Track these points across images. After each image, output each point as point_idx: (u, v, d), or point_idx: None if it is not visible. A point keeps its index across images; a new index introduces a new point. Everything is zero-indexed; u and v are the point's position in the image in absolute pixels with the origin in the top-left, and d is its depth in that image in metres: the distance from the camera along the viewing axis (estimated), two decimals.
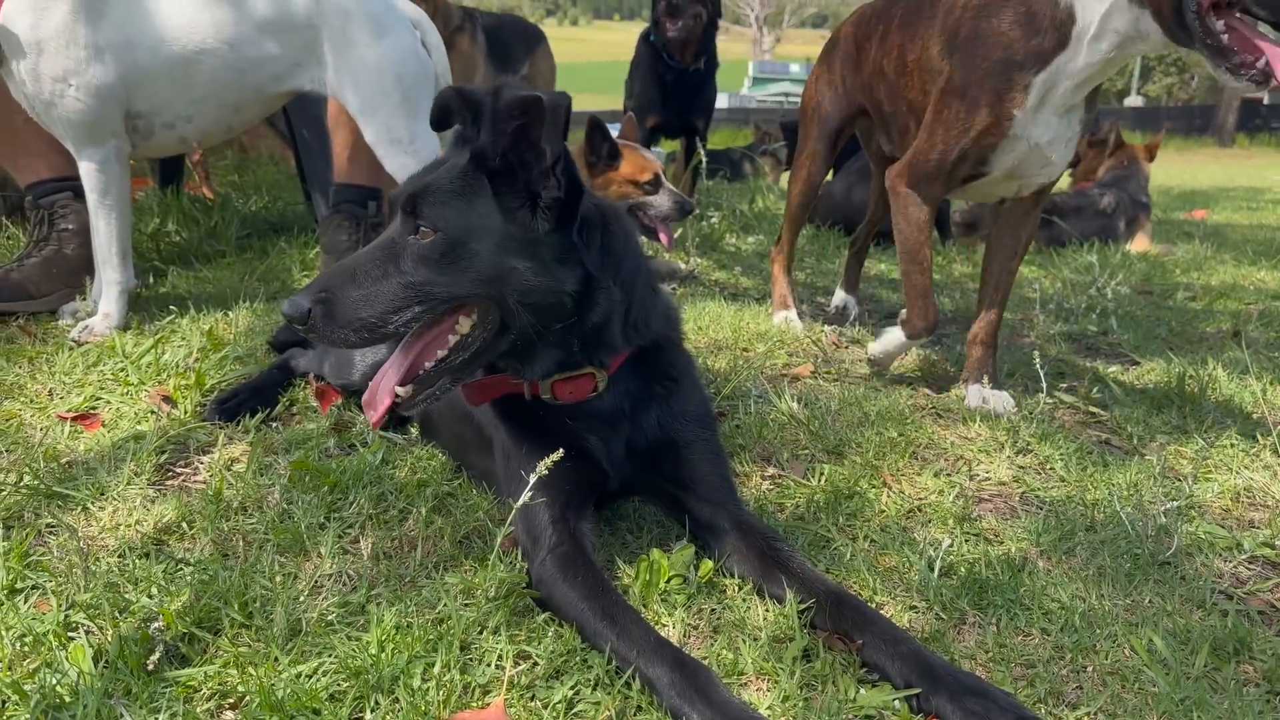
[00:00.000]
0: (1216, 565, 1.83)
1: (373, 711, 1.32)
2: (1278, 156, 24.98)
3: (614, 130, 4.04)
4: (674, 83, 6.28)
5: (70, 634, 1.47)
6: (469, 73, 6.13)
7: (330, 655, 1.42)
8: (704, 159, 5.21)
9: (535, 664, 1.44)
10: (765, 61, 71.90)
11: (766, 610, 1.59)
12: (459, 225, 1.50)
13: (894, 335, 2.74)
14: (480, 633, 1.49)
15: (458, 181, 1.52)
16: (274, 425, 2.28)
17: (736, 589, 1.66)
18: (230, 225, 4.13)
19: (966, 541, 1.88)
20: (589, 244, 1.58)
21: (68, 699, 1.31)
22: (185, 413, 2.30)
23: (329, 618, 1.52)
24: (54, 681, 1.33)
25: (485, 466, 1.91)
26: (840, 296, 3.77)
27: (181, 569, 1.66)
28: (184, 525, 1.81)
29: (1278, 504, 2.12)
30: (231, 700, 1.35)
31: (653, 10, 6.29)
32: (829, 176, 9.48)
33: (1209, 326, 4.00)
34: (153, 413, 2.31)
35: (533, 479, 1.51)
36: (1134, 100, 47.78)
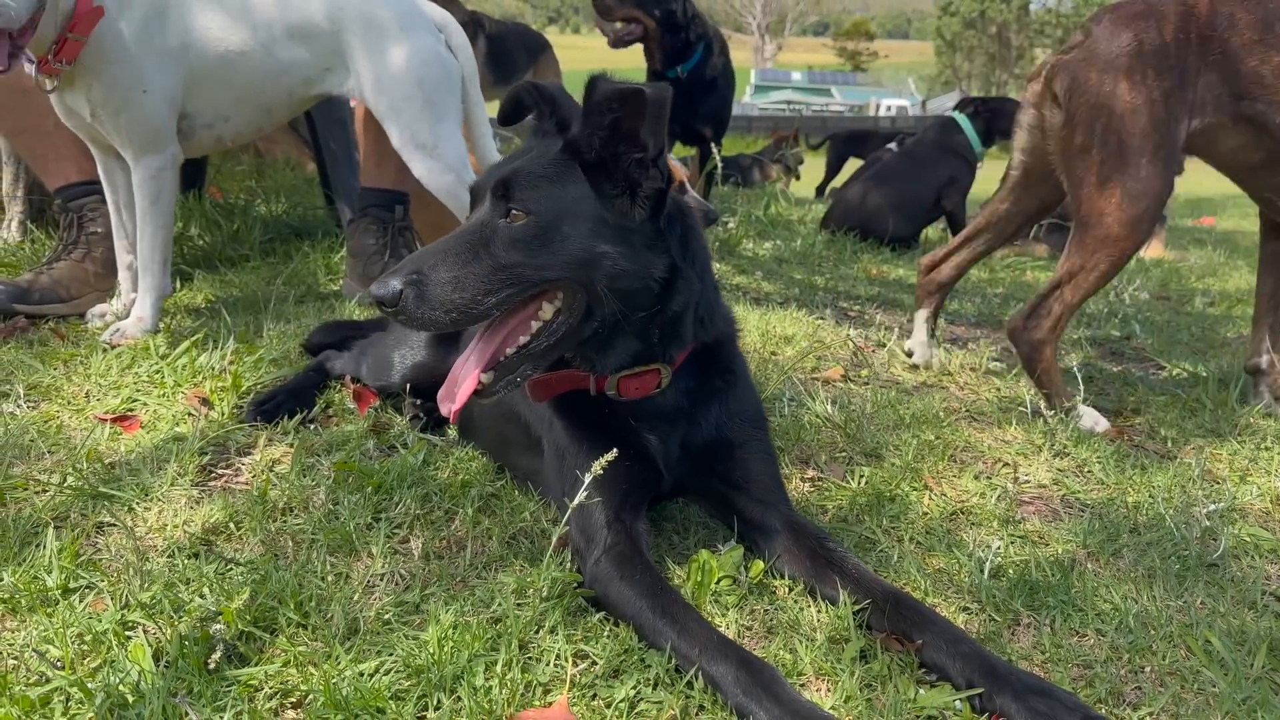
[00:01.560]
0: (1264, 568, 1.83)
1: (436, 710, 1.32)
2: None
3: None
4: (678, 94, 6.26)
5: (128, 633, 1.47)
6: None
7: (390, 654, 1.42)
8: (720, 164, 5.22)
9: (594, 663, 1.43)
10: (767, 69, 72.05)
11: (820, 611, 1.59)
12: (552, 208, 1.51)
13: None
14: (537, 632, 1.49)
15: (549, 167, 1.53)
16: (312, 427, 2.28)
17: (787, 590, 1.66)
18: (253, 230, 4.13)
19: (1013, 543, 1.88)
20: (672, 233, 1.60)
21: (131, 698, 1.31)
22: (223, 414, 2.30)
23: (386, 616, 1.52)
24: (117, 680, 1.33)
25: (531, 466, 1.91)
26: None
27: (232, 569, 1.66)
28: (231, 526, 1.81)
29: None
30: (294, 699, 1.35)
31: None
32: (837, 183, 9.51)
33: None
34: (190, 414, 2.31)
35: (588, 478, 1.52)
36: None
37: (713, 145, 6.00)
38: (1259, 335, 2.85)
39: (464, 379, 1.57)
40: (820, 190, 10.54)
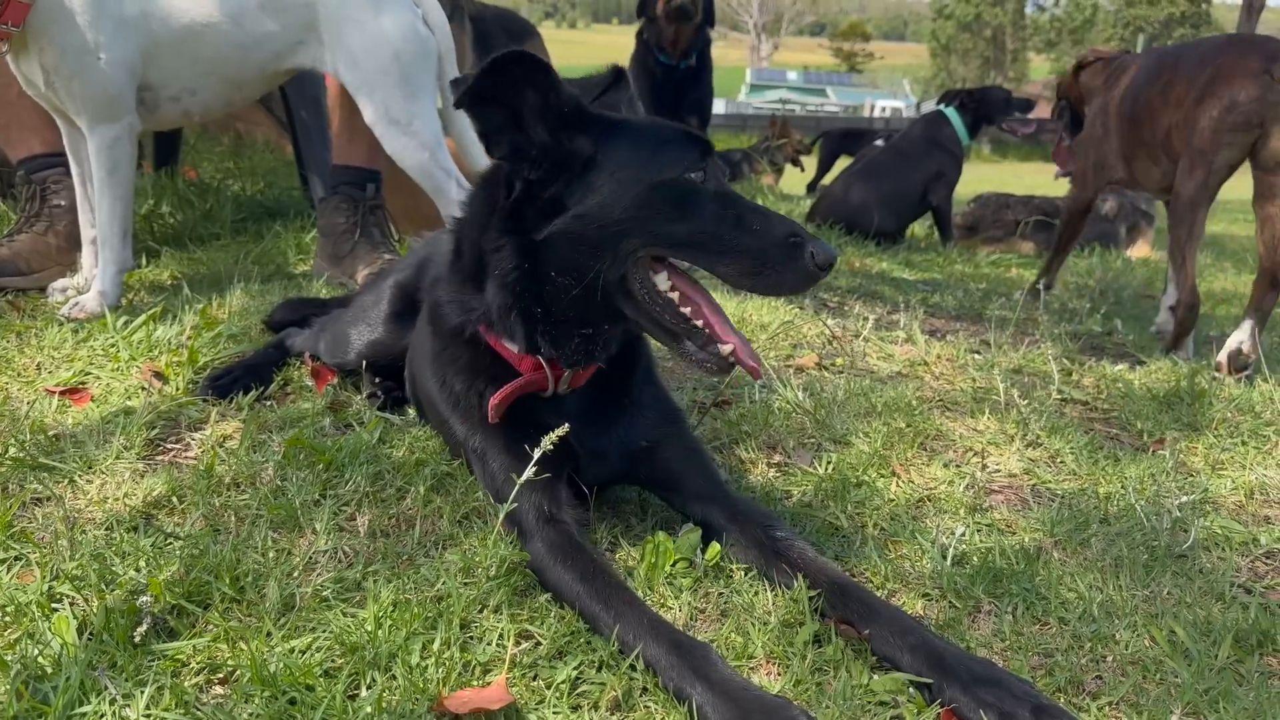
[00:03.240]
0: (1234, 560, 1.79)
1: (369, 688, 1.27)
2: None
3: None
4: (663, 78, 6.28)
5: (54, 605, 1.41)
6: (459, 61, 6.07)
7: (325, 631, 1.37)
8: None
9: (538, 644, 1.39)
10: (763, 69, 72.06)
11: (775, 595, 1.54)
12: None
13: None
14: (481, 611, 1.44)
15: None
16: (268, 403, 2.22)
17: (744, 573, 1.61)
18: (225, 208, 4.07)
19: (979, 531, 1.84)
20: None
21: (50, 670, 1.26)
22: (177, 389, 2.24)
23: (324, 594, 1.46)
24: (35, 652, 1.28)
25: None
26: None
27: (171, 542, 1.60)
28: (174, 499, 1.76)
29: None
30: (221, 675, 1.30)
31: (640, 8, 6.27)
32: (826, 180, 9.48)
33: (1212, 330, 3.98)
34: (143, 389, 2.25)
35: (517, 485, 1.49)
36: None
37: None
38: None
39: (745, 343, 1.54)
40: (811, 186, 10.50)
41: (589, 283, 1.50)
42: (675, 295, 1.52)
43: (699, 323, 1.52)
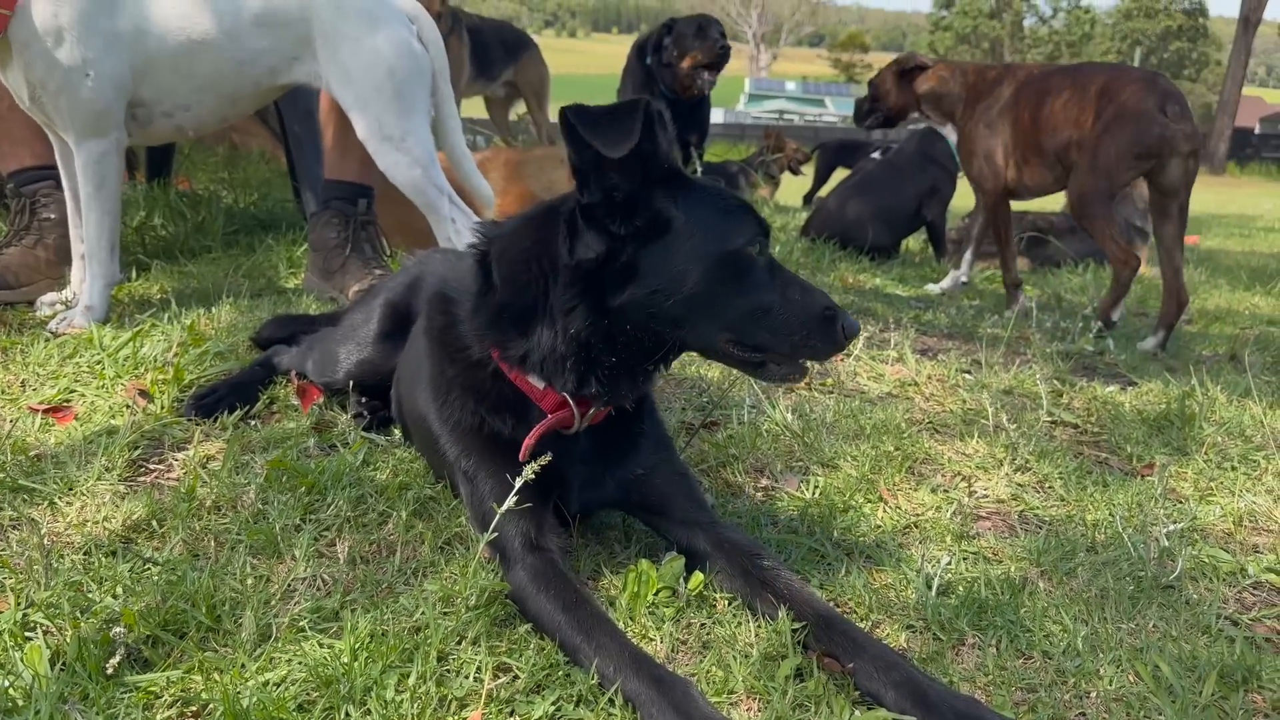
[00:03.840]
0: (1221, 590, 1.78)
1: None
2: (1268, 185, 25.16)
3: None
4: (668, 107, 6.29)
5: (28, 634, 1.39)
6: (456, 74, 6.07)
7: (301, 663, 1.35)
8: (699, 169, 5.17)
9: (516, 677, 1.37)
10: (762, 79, 72.28)
11: (759, 626, 1.53)
12: None
13: None
14: (459, 643, 1.43)
15: None
16: (253, 423, 2.21)
17: (727, 603, 1.60)
18: (217, 220, 4.05)
19: (965, 560, 1.82)
20: None
21: (20, 702, 1.24)
22: (162, 408, 2.23)
23: (301, 624, 1.45)
24: (6, 684, 1.26)
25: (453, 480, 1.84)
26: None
27: (149, 569, 1.58)
28: (154, 523, 1.74)
29: None
30: (194, 708, 1.28)
31: (657, 42, 6.23)
32: (822, 192, 9.48)
33: (1205, 349, 3.98)
34: (128, 407, 2.23)
35: (499, 512, 1.47)
36: None
37: (694, 151, 5.99)
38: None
39: None
40: (808, 198, 10.49)
41: (668, 349, 1.55)
42: None
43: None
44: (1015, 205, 4.81)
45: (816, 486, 2.08)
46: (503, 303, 1.56)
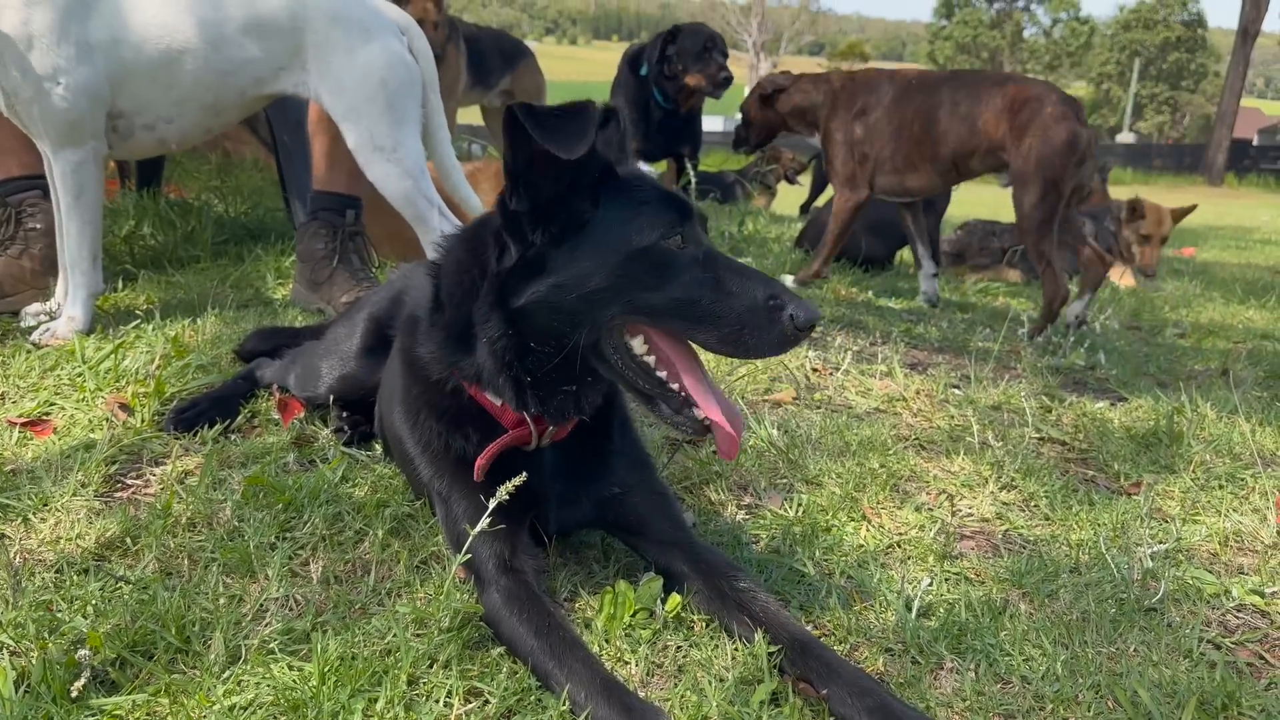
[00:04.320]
0: (1204, 613, 1.76)
1: None
2: (1266, 196, 25.18)
3: None
4: (662, 119, 6.31)
5: None
6: (453, 83, 6.07)
7: (269, 686, 1.33)
8: (694, 179, 5.16)
9: (487, 702, 1.36)
10: None
11: (735, 649, 1.51)
12: None
13: None
14: (430, 666, 1.41)
15: None
16: (233, 437, 2.20)
17: (704, 625, 1.58)
18: (206, 230, 4.04)
19: (946, 581, 1.81)
20: None
21: None
22: (142, 421, 2.21)
23: (271, 645, 1.43)
24: None
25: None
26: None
27: (120, 587, 1.57)
28: (128, 540, 1.73)
29: (1266, 549, 2.05)
30: None
31: (660, 51, 6.22)
32: (819, 202, 9.48)
33: (1197, 364, 3.96)
34: (108, 420, 2.22)
35: (473, 534, 1.45)
36: (1126, 136, 48.31)
37: (688, 163, 6.00)
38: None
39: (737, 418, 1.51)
40: (805, 208, 10.49)
41: (568, 351, 1.47)
42: (651, 359, 1.49)
43: (675, 386, 1.49)
44: (1004, 218, 4.87)
45: (800, 505, 2.06)
46: (449, 321, 1.55)
